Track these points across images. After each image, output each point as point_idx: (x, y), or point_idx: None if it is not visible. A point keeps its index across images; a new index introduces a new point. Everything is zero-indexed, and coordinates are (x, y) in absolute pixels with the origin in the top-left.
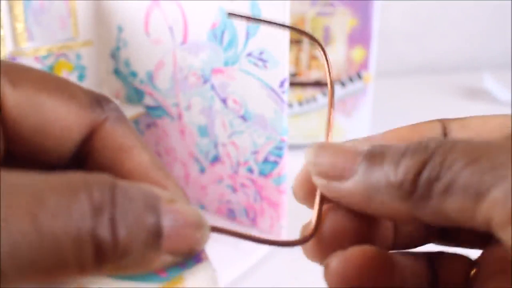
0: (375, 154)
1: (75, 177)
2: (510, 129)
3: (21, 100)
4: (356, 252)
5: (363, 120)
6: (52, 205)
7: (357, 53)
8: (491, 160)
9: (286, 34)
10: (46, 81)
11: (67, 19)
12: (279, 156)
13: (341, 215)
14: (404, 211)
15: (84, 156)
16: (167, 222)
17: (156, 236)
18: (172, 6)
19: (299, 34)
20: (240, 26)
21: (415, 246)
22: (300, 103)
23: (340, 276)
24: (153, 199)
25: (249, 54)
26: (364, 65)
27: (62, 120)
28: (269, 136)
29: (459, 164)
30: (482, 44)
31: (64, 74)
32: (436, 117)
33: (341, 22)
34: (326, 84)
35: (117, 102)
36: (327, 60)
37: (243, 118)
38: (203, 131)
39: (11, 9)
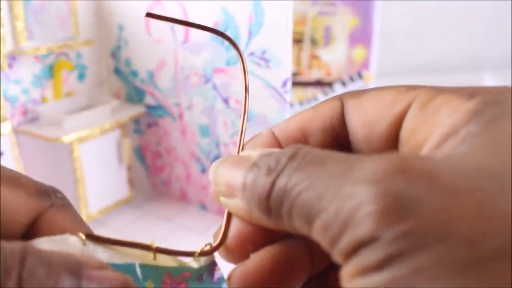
0: (251, 167)
1: None
2: (400, 106)
3: None
4: (253, 262)
5: None
6: None
7: (358, 53)
8: (315, 187)
9: (289, 34)
10: (2, 173)
11: (67, 18)
12: None
13: (245, 223)
14: (273, 224)
15: (32, 237)
16: (87, 286)
17: None
18: (174, 5)
19: (219, 36)
20: (243, 25)
21: None
22: (301, 103)
23: (243, 283)
24: (74, 264)
25: (252, 54)
26: (365, 64)
27: (11, 205)
28: None
29: (296, 189)
30: (482, 44)
31: (64, 73)
32: None
33: (342, 22)
34: (327, 84)
35: (117, 101)
36: (243, 65)
37: None
38: (205, 131)
39: (11, 8)
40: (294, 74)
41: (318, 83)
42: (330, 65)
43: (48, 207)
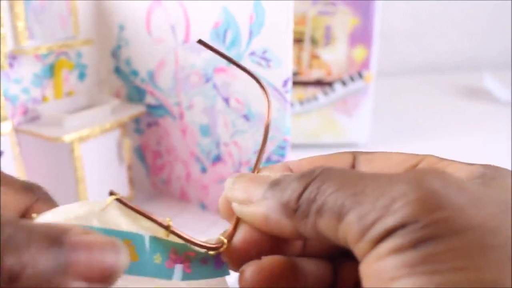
0: (275, 181)
1: None
2: (409, 164)
3: None
4: (266, 262)
5: (364, 119)
6: None
7: (358, 53)
8: (354, 187)
9: (289, 34)
10: None
11: (67, 17)
12: (282, 155)
13: (253, 230)
14: (291, 228)
15: None
16: (72, 252)
17: (57, 264)
18: (174, 4)
19: (250, 76)
20: (243, 25)
21: (323, 255)
22: (301, 102)
23: (253, 282)
24: (57, 232)
25: (252, 53)
26: (365, 64)
27: (1, 202)
28: (272, 135)
29: (330, 189)
30: (482, 44)
31: (64, 72)
32: (436, 116)
33: (343, 22)
34: (327, 83)
35: (118, 101)
36: (267, 96)
37: (246, 117)
38: (205, 130)
39: (11, 8)
40: (294, 74)
41: (318, 83)
42: (331, 65)
43: (34, 201)
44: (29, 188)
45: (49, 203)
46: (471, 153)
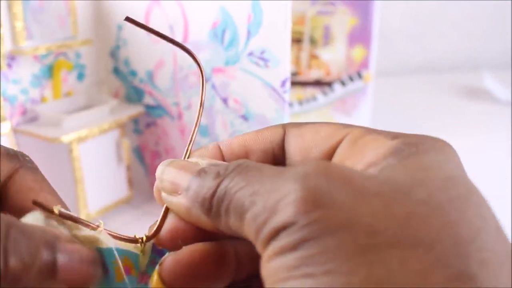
0: (199, 171)
1: None
2: (335, 139)
3: None
4: (184, 252)
5: (363, 119)
6: None
7: (358, 53)
8: (253, 186)
9: (287, 34)
10: None
11: (66, 17)
12: None
13: (180, 219)
14: (210, 224)
15: (4, 196)
16: (62, 257)
17: (50, 268)
18: (173, 5)
19: (180, 48)
20: (241, 25)
21: None
22: (300, 102)
23: (170, 273)
24: (51, 237)
25: (250, 54)
26: (365, 64)
27: None
28: None
29: (235, 188)
30: (482, 44)
31: (63, 73)
32: (436, 116)
33: (342, 21)
34: (326, 84)
35: (116, 101)
36: (201, 73)
37: (244, 117)
38: (204, 130)
39: (10, 8)
40: (293, 74)
41: (318, 83)
42: (330, 65)
43: (18, 168)
44: (13, 155)
45: (33, 172)
46: (471, 153)
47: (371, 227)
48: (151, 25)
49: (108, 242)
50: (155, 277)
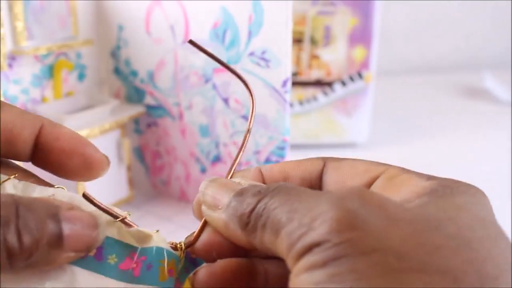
0: (240, 191)
1: None
2: (371, 175)
3: None
4: (218, 265)
5: (364, 119)
6: None
7: (358, 53)
8: (291, 205)
9: (288, 34)
10: None
11: (67, 18)
12: (281, 156)
13: (216, 233)
14: (245, 239)
15: (40, 152)
16: (66, 226)
17: (57, 238)
18: (174, 5)
19: (236, 76)
20: (242, 25)
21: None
22: (301, 103)
23: (203, 284)
24: (53, 208)
25: (251, 54)
26: (365, 64)
27: (15, 124)
28: (271, 136)
29: (274, 205)
30: (482, 43)
31: (64, 73)
32: (436, 116)
33: (342, 22)
34: (327, 84)
35: (117, 101)
36: (251, 96)
37: (245, 118)
38: (205, 131)
39: (11, 8)
40: (294, 74)
41: (318, 83)
42: (330, 65)
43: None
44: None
45: (55, 124)
46: (471, 153)
47: (400, 251)
48: (152, 25)
49: (161, 243)
50: (188, 285)
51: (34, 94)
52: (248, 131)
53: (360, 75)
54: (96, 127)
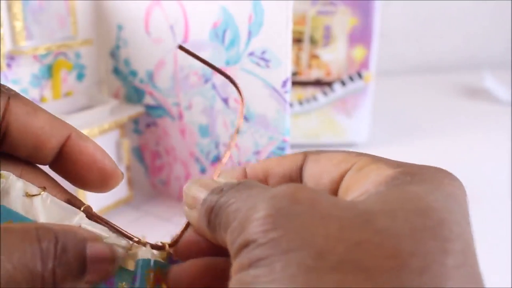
0: (214, 189)
1: (29, 225)
2: (344, 167)
3: None
4: (191, 264)
5: (364, 119)
6: (8, 244)
7: (358, 52)
8: (238, 204)
9: (288, 34)
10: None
11: (66, 17)
12: None
13: (195, 232)
14: (212, 236)
15: (5, 128)
16: (90, 263)
17: (81, 274)
18: (173, 5)
19: (227, 79)
20: (242, 25)
21: None
22: (301, 103)
23: (176, 283)
24: (81, 243)
25: (251, 54)
26: (365, 64)
27: (43, 130)
28: (271, 136)
29: (227, 203)
30: (482, 43)
31: (63, 73)
32: (436, 116)
33: (342, 21)
34: (327, 83)
35: (116, 101)
36: (241, 99)
37: (245, 118)
38: (204, 131)
39: (10, 8)
40: (293, 74)
41: (318, 83)
42: (330, 65)
43: (8, 99)
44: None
45: (19, 96)
46: (471, 153)
47: (321, 250)
48: (151, 25)
49: (147, 255)
50: (163, 286)
51: (33, 94)
52: (237, 131)
53: (359, 75)
54: (95, 127)
